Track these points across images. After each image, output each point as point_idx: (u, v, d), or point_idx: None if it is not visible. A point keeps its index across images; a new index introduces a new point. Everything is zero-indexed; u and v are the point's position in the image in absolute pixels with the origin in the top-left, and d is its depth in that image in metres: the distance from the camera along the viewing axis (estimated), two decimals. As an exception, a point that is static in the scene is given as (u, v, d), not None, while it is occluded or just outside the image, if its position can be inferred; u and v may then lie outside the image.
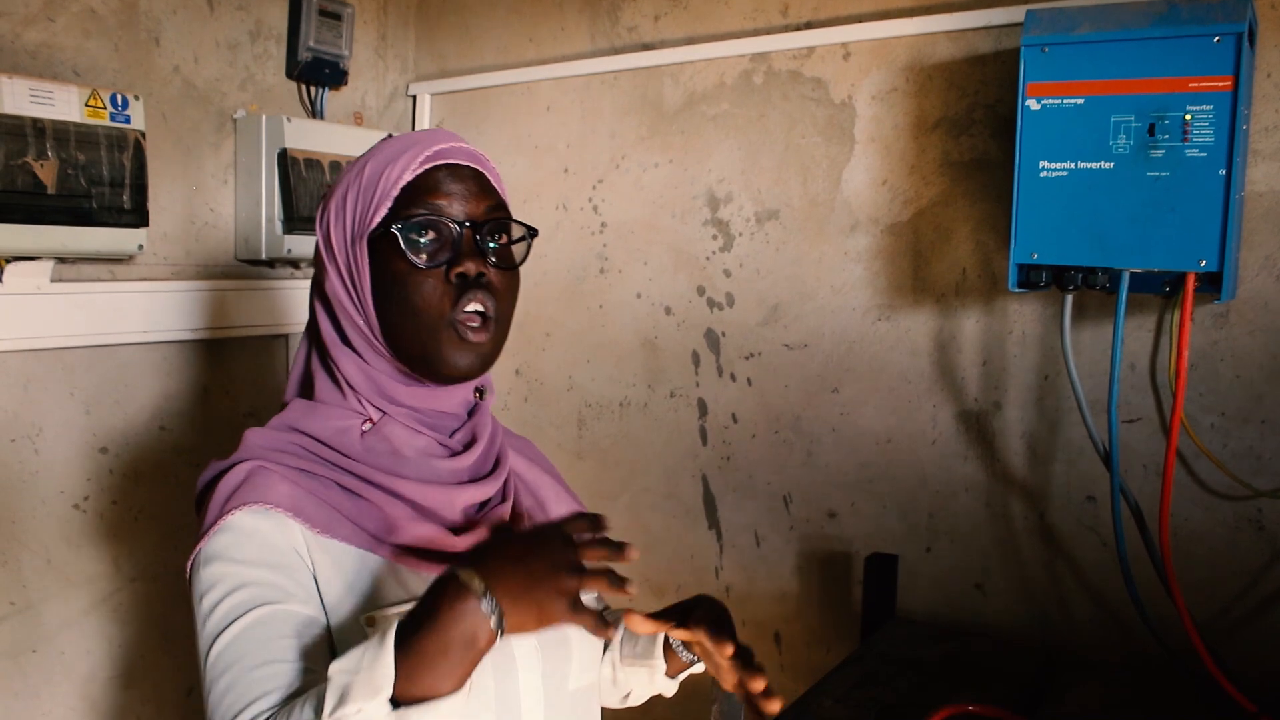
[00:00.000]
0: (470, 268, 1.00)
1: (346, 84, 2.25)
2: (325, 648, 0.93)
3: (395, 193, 1.01)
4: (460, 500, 1.03)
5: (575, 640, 1.09)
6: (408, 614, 0.81)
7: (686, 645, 1.13)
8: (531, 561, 0.82)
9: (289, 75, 2.14)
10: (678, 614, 1.03)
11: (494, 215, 1.04)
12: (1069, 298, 1.50)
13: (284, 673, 0.88)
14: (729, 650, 0.98)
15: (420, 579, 0.99)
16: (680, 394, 2.07)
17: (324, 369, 1.08)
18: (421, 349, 1.02)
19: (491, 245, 1.04)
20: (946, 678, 1.50)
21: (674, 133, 2.04)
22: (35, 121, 1.58)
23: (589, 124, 2.16)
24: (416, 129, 2.40)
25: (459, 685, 0.80)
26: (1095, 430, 1.54)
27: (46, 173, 1.60)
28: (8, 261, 1.67)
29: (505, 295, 1.05)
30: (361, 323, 1.04)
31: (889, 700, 1.42)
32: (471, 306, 1.01)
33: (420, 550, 1.01)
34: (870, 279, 1.83)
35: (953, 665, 1.55)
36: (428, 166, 1.02)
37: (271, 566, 0.94)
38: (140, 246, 1.76)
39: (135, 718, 1.96)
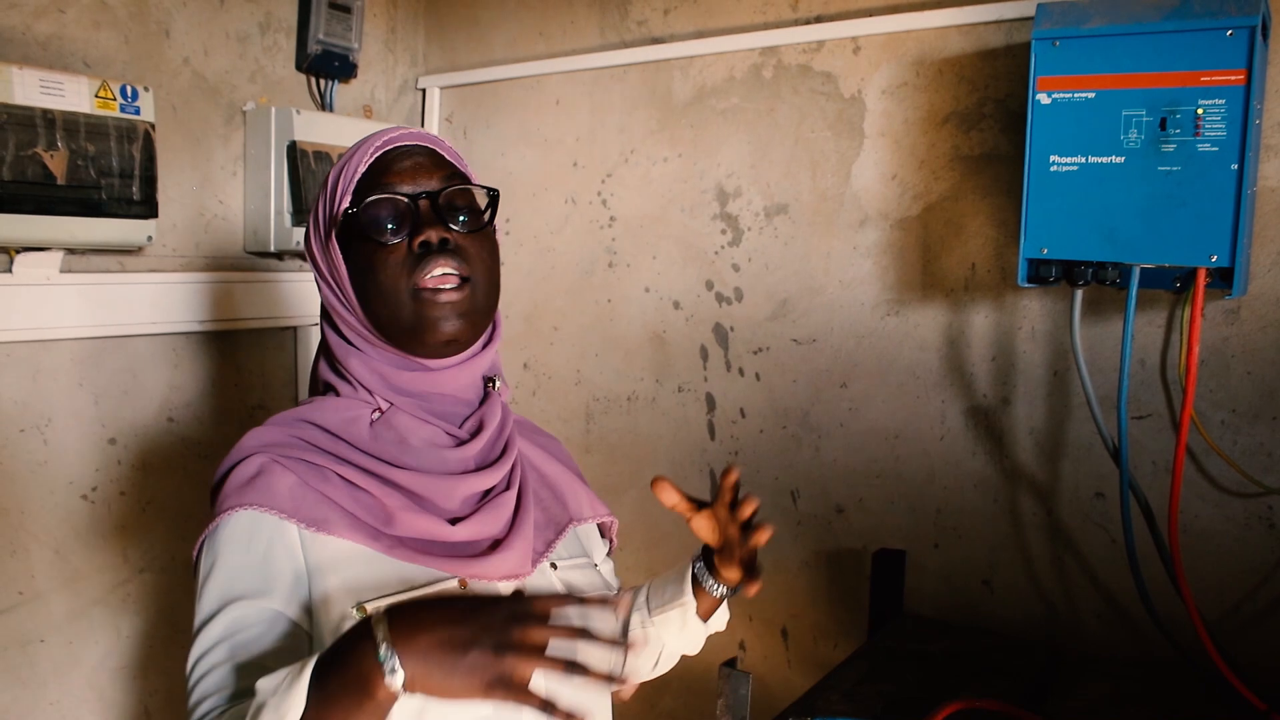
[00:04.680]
0: (432, 235, 1.03)
1: (356, 77, 2.25)
2: (295, 643, 0.95)
3: (353, 185, 1.05)
4: (460, 490, 1.05)
5: None
6: (328, 648, 0.81)
7: (712, 573, 1.20)
8: (461, 629, 0.77)
9: (298, 68, 2.15)
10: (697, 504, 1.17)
11: (450, 184, 1.06)
12: (1079, 293, 1.49)
13: (244, 672, 0.91)
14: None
15: (415, 568, 1.01)
16: (688, 388, 2.07)
17: (335, 373, 1.11)
18: (401, 322, 1.03)
19: (456, 209, 1.07)
20: (953, 673, 1.50)
21: (683, 127, 2.04)
22: (45, 112, 1.59)
23: (598, 118, 2.16)
24: (425, 123, 2.40)
25: None
26: (1104, 426, 1.53)
27: (56, 164, 1.61)
28: (17, 252, 1.67)
29: (478, 256, 1.06)
30: (350, 317, 1.07)
31: (896, 695, 1.41)
32: (438, 270, 1.02)
33: (416, 541, 1.02)
34: (879, 274, 1.82)
35: (960, 661, 1.55)
36: (379, 154, 1.06)
37: (254, 569, 0.97)
38: (149, 238, 1.77)
39: (143, 708, 1.97)
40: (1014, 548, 1.72)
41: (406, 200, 1.04)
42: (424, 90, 2.41)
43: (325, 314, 1.12)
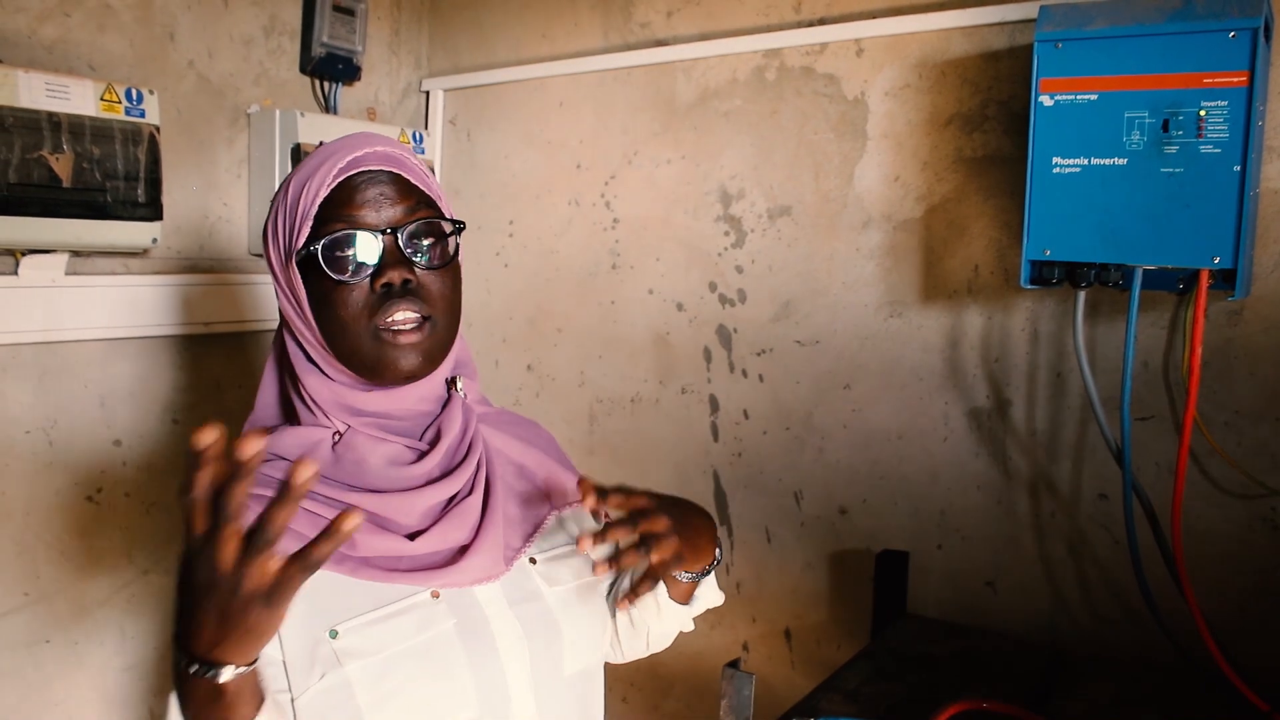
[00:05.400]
0: (394, 276, 1.01)
1: (360, 79, 2.25)
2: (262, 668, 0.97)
3: (314, 211, 1.02)
4: (418, 504, 1.04)
5: (565, 623, 1.09)
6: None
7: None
8: (208, 596, 0.76)
9: (303, 70, 2.15)
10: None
11: (415, 216, 1.04)
12: (1082, 295, 1.50)
13: None
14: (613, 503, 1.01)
15: (385, 586, 1.01)
16: (692, 390, 2.07)
17: (294, 388, 1.10)
18: (361, 358, 1.03)
19: (420, 245, 1.04)
20: (957, 674, 1.50)
21: (686, 129, 2.04)
22: (51, 115, 1.59)
23: (601, 120, 2.16)
24: (429, 125, 2.41)
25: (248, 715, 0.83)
26: (1108, 428, 1.53)
27: (62, 166, 1.61)
28: (23, 254, 1.68)
29: (440, 294, 1.05)
30: (310, 337, 1.06)
31: (899, 696, 1.41)
32: (398, 315, 1.01)
33: (382, 559, 1.02)
34: (882, 275, 1.83)
35: (963, 662, 1.55)
36: (342, 179, 1.03)
37: None
38: (154, 240, 1.77)
39: (147, 709, 1.98)
40: (1017, 549, 1.72)
41: (369, 236, 1.01)
42: (428, 92, 2.41)
43: (285, 324, 1.10)
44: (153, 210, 1.75)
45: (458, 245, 1.08)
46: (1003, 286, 1.71)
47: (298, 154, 2.00)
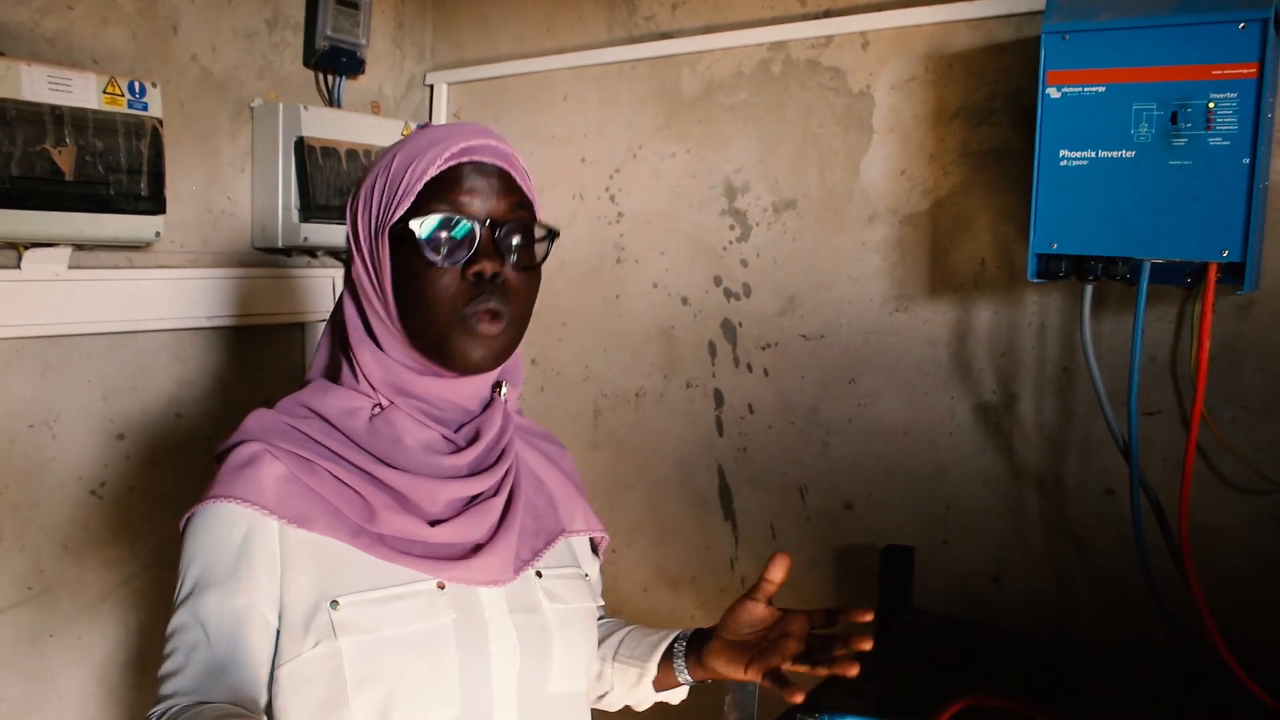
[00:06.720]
0: (486, 267, 1.01)
1: (364, 73, 2.25)
2: (259, 637, 1.00)
3: (419, 188, 1.02)
4: (444, 493, 1.04)
5: (558, 641, 1.09)
6: None
7: (691, 656, 1.19)
8: None
9: (306, 64, 2.15)
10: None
11: (515, 214, 1.05)
12: (1089, 288, 1.49)
13: (205, 666, 0.98)
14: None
15: (394, 567, 1.02)
16: (696, 384, 2.06)
17: (345, 355, 1.11)
18: (436, 342, 1.03)
19: (514, 243, 1.04)
20: (963, 670, 1.49)
21: (691, 122, 2.03)
22: (54, 109, 1.59)
23: (606, 113, 2.16)
24: (433, 119, 2.40)
25: None
26: (1115, 423, 1.52)
27: (64, 160, 1.61)
28: (26, 248, 1.68)
29: (521, 295, 1.06)
30: (382, 311, 1.06)
31: (904, 692, 1.41)
32: (485, 306, 1.02)
33: (397, 539, 1.03)
34: (888, 269, 1.82)
35: (969, 658, 1.54)
36: (453, 163, 1.03)
37: (230, 561, 1.01)
38: (157, 234, 1.77)
39: (151, 703, 1.97)
40: (1024, 545, 1.71)
41: (470, 224, 1.02)
42: (432, 86, 2.41)
43: (352, 289, 1.10)
44: (155, 204, 1.75)
45: (546, 253, 1.09)
46: (1009, 280, 1.70)
47: (301, 147, 1.99)
